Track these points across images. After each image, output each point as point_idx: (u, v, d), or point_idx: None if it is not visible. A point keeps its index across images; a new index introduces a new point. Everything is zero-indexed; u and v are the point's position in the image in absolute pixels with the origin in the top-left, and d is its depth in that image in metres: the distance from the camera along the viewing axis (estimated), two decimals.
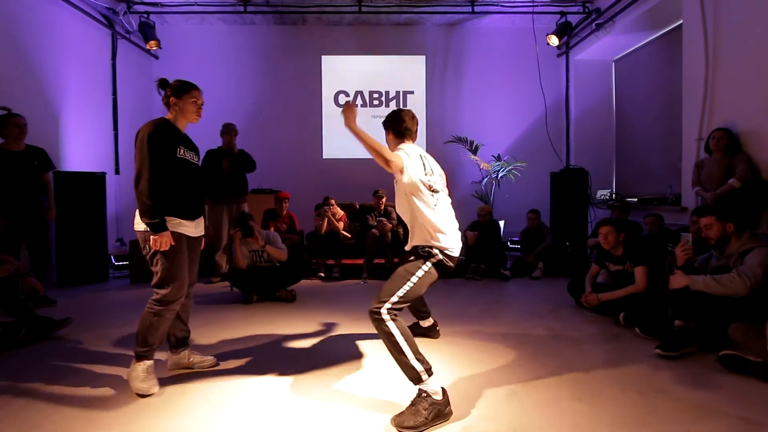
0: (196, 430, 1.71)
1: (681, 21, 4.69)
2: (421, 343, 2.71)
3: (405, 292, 1.98)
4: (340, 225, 5.31)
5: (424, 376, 1.80)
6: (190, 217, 2.18)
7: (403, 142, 2.28)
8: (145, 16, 6.05)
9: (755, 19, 3.62)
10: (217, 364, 2.37)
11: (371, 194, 5.59)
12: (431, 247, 2.05)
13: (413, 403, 1.77)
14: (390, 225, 5.22)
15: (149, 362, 2.08)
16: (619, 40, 6.05)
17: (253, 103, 6.99)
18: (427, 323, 2.85)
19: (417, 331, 2.80)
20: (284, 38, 6.99)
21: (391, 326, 1.86)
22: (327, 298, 4.08)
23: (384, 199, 5.54)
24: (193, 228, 2.22)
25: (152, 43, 6.08)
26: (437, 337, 2.82)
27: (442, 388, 1.82)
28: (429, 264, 2.04)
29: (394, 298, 1.95)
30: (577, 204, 5.48)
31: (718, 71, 4.02)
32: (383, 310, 1.90)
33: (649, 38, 5.85)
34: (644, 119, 6.06)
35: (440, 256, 2.04)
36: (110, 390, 2.08)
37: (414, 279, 2.01)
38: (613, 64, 6.79)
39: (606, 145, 6.81)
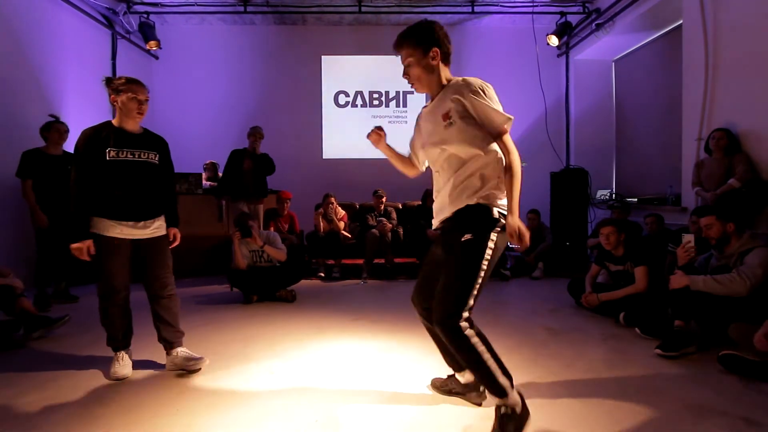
0: (196, 430, 1.71)
1: (681, 21, 4.69)
2: (422, 344, 2.72)
3: (479, 286, 1.54)
4: (341, 225, 5.31)
5: (510, 390, 1.53)
6: (129, 218, 2.16)
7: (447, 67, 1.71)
8: (145, 16, 6.05)
9: (755, 19, 3.62)
10: (198, 369, 2.27)
11: (371, 194, 5.59)
12: (491, 207, 1.56)
13: (501, 427, 1.52)
14: (390, 225, 5.22)
15: (119, 353, 2.25)
16: (619, 40, 6.05)
17: (253, 103, 6.99)
18: (465, 378, 1.93)
19: (450, 387, 1.98)
20: (284, 38, 6.99)
21: (475, 341, 1.50)
22: (327, 298, 4.08)
23: (384, 199, 5.54)
24: (136, 230, 2.19)
25: (152, 43, 6.08)
26: (480, 402, 1.89)
27: (518, 392, 1.56)
28: (495, 235, 1.54)
29: (471, 301, 1.53)
30: (577, 204, 5.48)
31: (718, 71, 4.02)
32: (463, 324, 1.50)
33: (649, 38, 5.85)
34: (644, 119, 6.05)
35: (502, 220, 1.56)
36: (109, 390, 2.08)
37: (485, 264, 1.53)
38: (613, 64, 6.79)
39: (606, 145, 6.81)
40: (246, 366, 2.37)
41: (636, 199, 5.60)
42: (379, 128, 1.93)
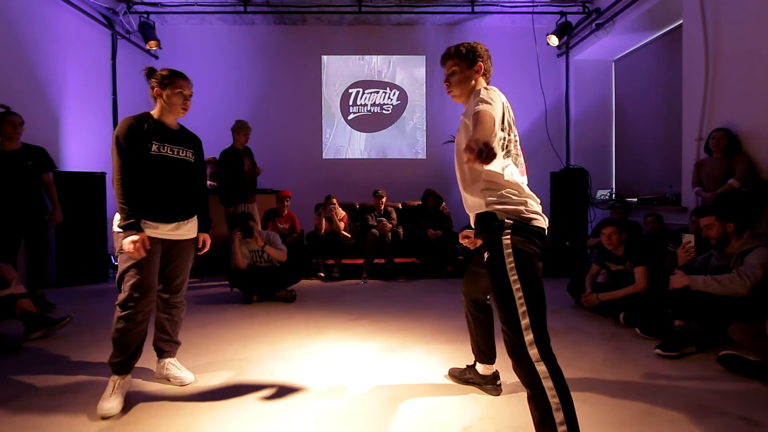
0: (196, 430, 1.71)
1: (681, 21, 4.69)
2: (422, 344, 2.72)
3: (524, 302, 1.38)
4: (341, 225, 5.31)
5: None
6: (166, 218, 2.01)
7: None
8: (145, 16, 6.05)
9: (755, 18, 3.62)
10: (184, 384, 2.14)
11: (371, 194, 5.59)
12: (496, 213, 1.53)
13: None
14: (390, 225, 5.22)
15: (118, 378, 1.92)
16: (619, 40, 6.05)
17: (253, 103, 6.98)
18: (487, 370, 2.04)
19: (468, 377, 2.10)
20: (284, 38, 6.99)
21: (547, 384, 1.31)
22: (327, 298, 4.08)
23: (384, 199, 5.54)
24: (171, 231, 2.04)
25: (152, 43, 6.08)
26: (497, 394, 2.00)
27: None
28: (507, 238, 1.46)
29: (526, 321, 1.35)
30: (577, 204, 5.48)
31: (718, 71, 4.02)
32: (532, 352, 1.33)
33: (649, 38, 5.85)
34: (644, 119, 6.05)
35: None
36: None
37: (513, 276, 1.41)
38: (613, 64, 6.79)
39: (606, 145, 6.81)
40: (246, 366, 2.37)
41: (636, 199, 5.60)
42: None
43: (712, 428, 1.68)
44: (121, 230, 1.89)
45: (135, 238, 1.85)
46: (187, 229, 2.12)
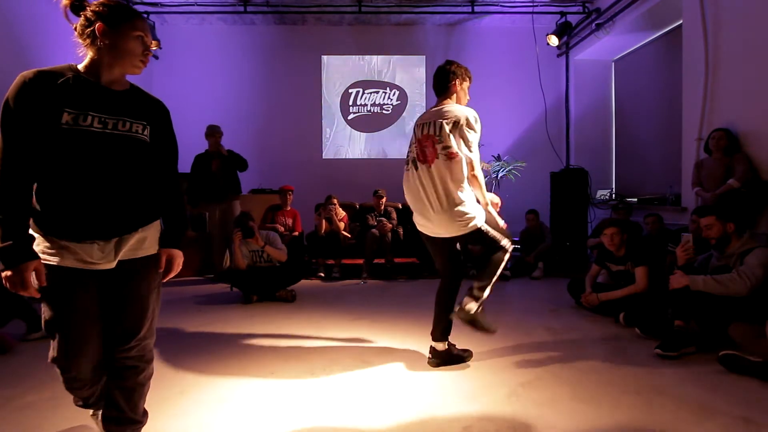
0: (196, 430, 1.71)
1: (681, 21, 4.69)
2: (422, 344, 2.72)
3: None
4: (341, 225, 5.31)
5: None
6: (93, 233, 1.27)
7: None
8: (145, 16, 6.05)
9: (755, 19, 3.62)
10: None
11: (371, 194, 5.59)
12: None
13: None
14: (390, 225, 5.22)
15: (95, 411, 1.59)
16: (619, 40, 6.05)
17: (253, 103, 6.99)
18: (441, 346, 2.36)
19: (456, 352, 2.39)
20: (284, 38, 6.99)
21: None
22: (327, 298, 4.08)
23: (384, 199, 5.53)
24: (105, 255, 1.29)
25: (152, 43, 6.08)
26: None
27: None
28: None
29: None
30: (577, 204, 5.48)
31: (718, 71, 4.02)
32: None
33: (649, 38, 5.85)
34: (644, 119, 6.05)
35: None
36: None
37: None
38: (613, 64, 6.79)
39: (606, 145, 6.81)
40: (246, 366, 2.37)
41: (636, 199, 5.60)
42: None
43: (712, 428, 1.68)
44: None
45: (8, 273, 1.15)
46: (137, 244, 1.36)
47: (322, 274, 5.14)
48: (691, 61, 4.37)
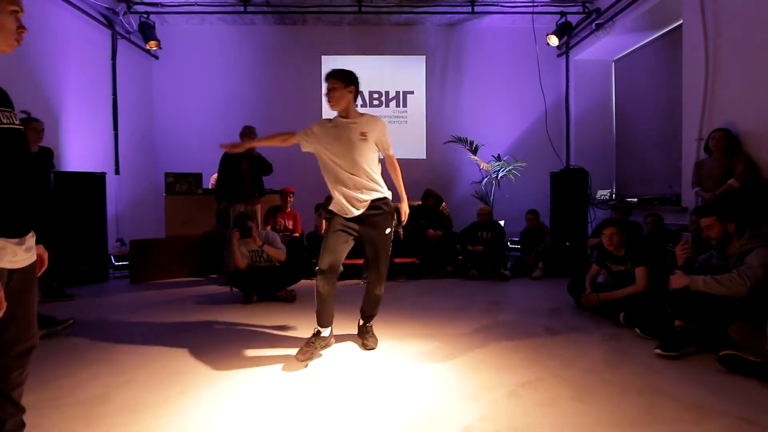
0: (195, 430, 1.71)
1: (681, 21, 4.69)
2: (422, 344, 2.72)
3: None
4: None
5: None
6: (15, 232, 1.23)
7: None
8: (145, 16, 6.05)
9: (755, 19, 3.62)
10: None
11: None
12: None
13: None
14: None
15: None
16: (619, 40, 6.05)
17: (253, 103, 6.99)
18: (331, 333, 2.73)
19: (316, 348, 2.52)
20: (284, 38, 6.99)
21: None
22: None
23: None
24: (23, 251, 1.27)
25: (152, 43, 6.08)
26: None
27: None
28: None
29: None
30: (577, 204, 5.48)
31: (718, 71, 4.02)
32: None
33: (649, 38, 5.85)
34: (644, 119, 6.05)
35: None
36: (110, 390, 2.07)
37: None
38: (613, 64, 6.79)
39: (606, 145, 6.81)
40: (246, 366, 2.37)
41: (636, 199, 5.60)
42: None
43: (712, 428, 1.68)
44: None
45: None
46: (32, 245, 1.33)
47: None
48: (691, 61, 4.37)
